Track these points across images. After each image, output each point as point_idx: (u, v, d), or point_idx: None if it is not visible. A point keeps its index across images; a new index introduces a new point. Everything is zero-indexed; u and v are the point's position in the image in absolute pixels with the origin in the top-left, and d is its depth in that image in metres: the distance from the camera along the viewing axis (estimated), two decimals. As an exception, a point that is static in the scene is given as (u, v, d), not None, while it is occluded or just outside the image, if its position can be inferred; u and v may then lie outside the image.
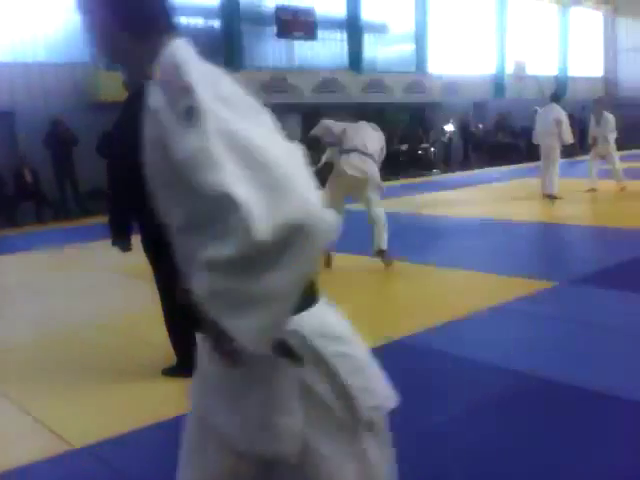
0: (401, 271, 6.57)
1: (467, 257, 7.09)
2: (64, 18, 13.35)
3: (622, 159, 15.52)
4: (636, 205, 10.26)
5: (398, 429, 3.16)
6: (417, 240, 8.39)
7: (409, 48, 20.62)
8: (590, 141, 11.97)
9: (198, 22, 15.86)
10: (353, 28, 18.58)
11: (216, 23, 16.02)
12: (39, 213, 11.81)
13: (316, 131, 6.76)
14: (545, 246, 8.12)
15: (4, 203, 11.58)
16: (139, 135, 3.69)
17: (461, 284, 6.00)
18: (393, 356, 4.23)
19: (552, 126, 10.88)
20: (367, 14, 18.95)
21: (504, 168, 18.11)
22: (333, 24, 18.43)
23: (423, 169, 18.65)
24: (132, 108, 3.68)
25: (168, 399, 3.63)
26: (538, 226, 9.16)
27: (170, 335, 3.84)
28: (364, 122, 7.17)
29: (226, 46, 16.00)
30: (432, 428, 3.22)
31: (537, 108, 17.51)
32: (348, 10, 18.51)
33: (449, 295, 5.64)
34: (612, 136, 11.64)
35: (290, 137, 1.43)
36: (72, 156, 12.19)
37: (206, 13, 15.90)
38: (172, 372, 3.84)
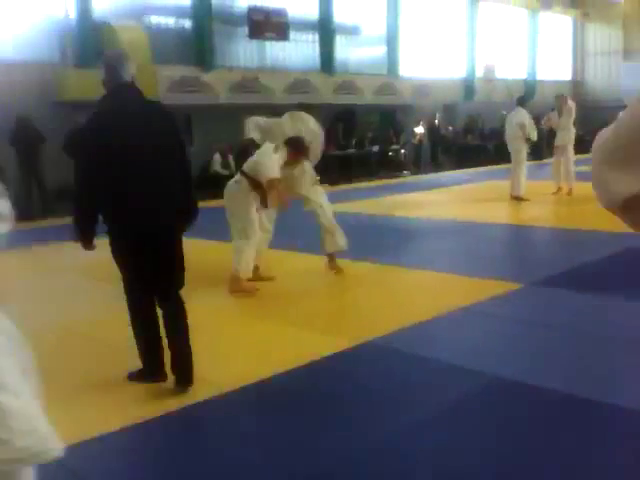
0: (371, 272, 6.59)
1: (437, 259, 7.14)
2: (32, 16, 13.16)
3: (587, 161, 15.71)
4: (597, 206, 10.41)
5: (366, 429, 3.19)
6: (388, 241, 8.43)
7: (381, 50, 20.70)
8: (547, 126, 12.50)
9: (169, 21, 15.74)
10: (325, 30, 18.59)
11: (187, 22, 15.90)
12: (4, 213, 11.57)
13: (250, 132, 6.56)
14: (513, 248, 8.22)
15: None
16: (113, 133, 3.62)
17: (431, 285, 6.04)
18: (364, 357, 4.26)
19: (516, 129, 11.25)
20: (339, 16, 18.98)
21: (473, 170, 18.29)
22: (305, 25, 18.43)
23: (394, 170, 18.75)
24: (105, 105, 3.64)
25: (134, 404, 3.59)
26: (506, 228, 9.26)
27: (136, 340, 3.77)
28: (299, 113, 6.82)
29: (197, 46, 15.90)
30: (400, 429, 3.23)
31: (504, 112, 17.71)
32: (320, 12, 18.52)
33: (419, 296, 5.68)
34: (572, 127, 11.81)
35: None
36: (39, 155, 11.99)
37: (177, 12, 15.77)
38: (137, 377, 3.78)
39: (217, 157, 14.70)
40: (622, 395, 3.49)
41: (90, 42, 13.44)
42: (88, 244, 3.61)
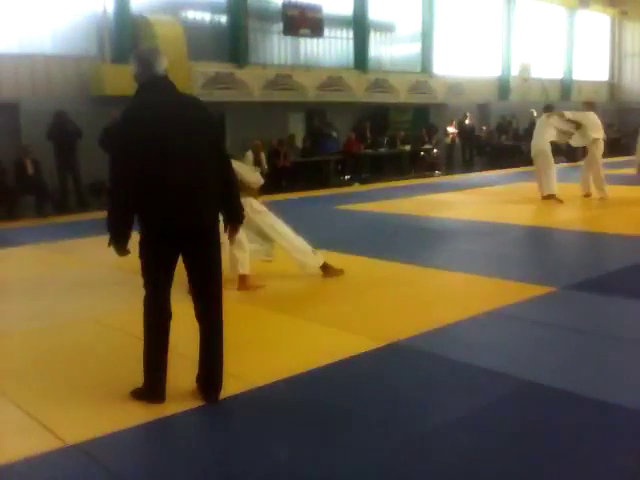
0: (399, 272, 6.57)
1: (468, 260, 7.09)
2: (70, 10, 13.36)
3: (622, 165, 15.52)
4: (636, 211, 10.25)
5: (394, 430, 3.19)
6: (417, 241, 8.39)
7: (415, 48, 20.59)
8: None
9: (205, 17, 15.85)
10: (359, 26, 18.55)
11: (223, 18, 16.00)
12: (40, 206, 11.78)
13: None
14: (545, 251, 8.11)
15: (4, 194, 11.54)
16: (148, 126, 3.50)
17: (459, 287, 6.00)
18: (393, 358, 4.25)
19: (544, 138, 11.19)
20: (374, 13, 18.93)
21: (506, 171, 18.10)
22: (340, 22, 18.41)
23: (425, 170, 18.64)
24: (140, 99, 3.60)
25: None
26: (538, 230, 9.15)
27: (144, 355, 3.59)
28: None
29: (232, 42, 15.99)
30: (429, 432, 3.22)
31: (532, 110, 17.49)
32: (355, 8, 18.48)
33: (447, 298, 5.64)
34: (594, 135, 11.35)
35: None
36: (75, 149, 12.17)
37: (213, 8, 15.88)
38: (138, 395, 3.61)
39: (249, 155, 14.76)
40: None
41: (127, 37, 13.61)
42: (122, 249, 3.47)
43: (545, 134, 11.21)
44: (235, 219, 3.72)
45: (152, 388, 3.58)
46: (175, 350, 3.70)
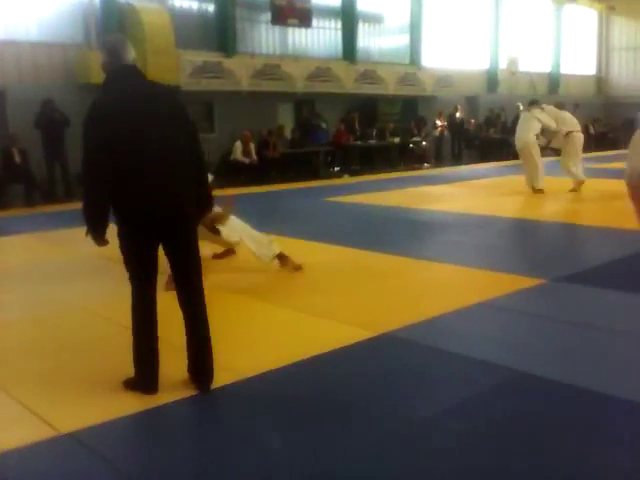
0: (390, 264, 6.58)
1: (458, 252, 7.11)
2: (57, -2, 13.21)
3: (610, 159, 15.62)
4: (622, 204, 10.31)
5: (386, 421, 3.19)
6: (407, 233, 8.41)
7: (404, 40, 20.56)
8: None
9: (192, 5, 15.71)
10: (348, 17, 18.49)
11: (211, 7, 15.87)
12: (28, 196, 11.66)
13: None
14: (534, 243, 8.15)
15: (-8, 184, 11.43)
16: (117, 117, 3.45)
17: (451, 279, 6.01)
18: (384, 349, 4.26)
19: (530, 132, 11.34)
20: (363, 4, 18.87)
21: (494, 164, 18.16)
22: (328, 12, 18.34)
23: (414, 162, 18.67)
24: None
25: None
26: (527, 223, 9.19)
27: (133, 346, 3.56)
28: None
29: (220, 30, 15.87)
30: (422, 420, 3.23)
31: (519, 105, 17.67)
32: (344, -1, 18.42)
33: (438, 289, 5.66)
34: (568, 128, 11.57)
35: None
36: (63, 138, 12.04)
37: (201, -4, 15.76)
38: (131, 386, 3.58)
39: (238, 145, 14.71)
40: (645, 395, 3.46)
41: (114, 24, 13.47)
42: (99, 239, 3.44)
43: (530, 128, 11.34)
44: (205, 205, 3.73)
45: (144, 379, 3.56)
46: (167, 340, 3.68)
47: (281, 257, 6.22)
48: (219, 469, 2.84)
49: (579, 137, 11.59)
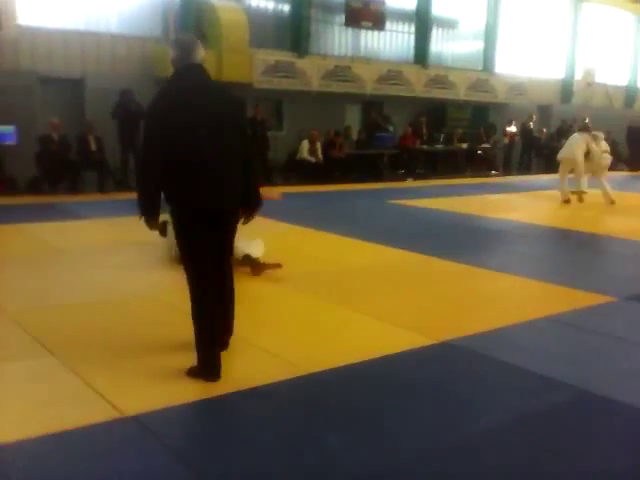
0: (454, 271, 6.50)
1: (523, 264, 6.97)
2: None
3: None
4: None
5: (443, 430, 3.16)
6: (473, 241, 8.29)
7: (477, 45, 20.28)
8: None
9: (269, 5, 15.89)
10: (422, 21, 18.36)
11: (286, 7, 16.02)
12: (101, 182, 12.02)
13: None
14: (606, 259, 7.91)
15: (68, 169, 11.81)
16: (175, 112, 3.62)
17: (516, 291, 5.90)
18: (442, 356, 4.21)
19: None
20: (437, 8, 18.70)
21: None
22: (402, 16, 18.25)
23: (481, 169, 18.39)
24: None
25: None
26: (599, 238, 8.93)
27: (196, 334, 3.69)
28: None
29: (294, 31, 16.01)
30: (477, 433, 3.18)
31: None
32: (418, 3, 18.29)
33: (502, 301, 5.56)
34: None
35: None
36: (138, 129, 12.32)
37: (277, -4, 15.93)
38: (194, 374, 3.66)
39: (305, 144, 14.79)
40: None
41: (191, 20, 13.75)
42: (153, 223, 3.64)
43: (578, 147, 11.70)
44: (252, 204, 3.83)
45: (208, 367, 3.64)
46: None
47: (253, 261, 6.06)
48: (275, 463, 2.86)
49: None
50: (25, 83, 12.14)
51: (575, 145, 11.81)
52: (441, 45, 19.38)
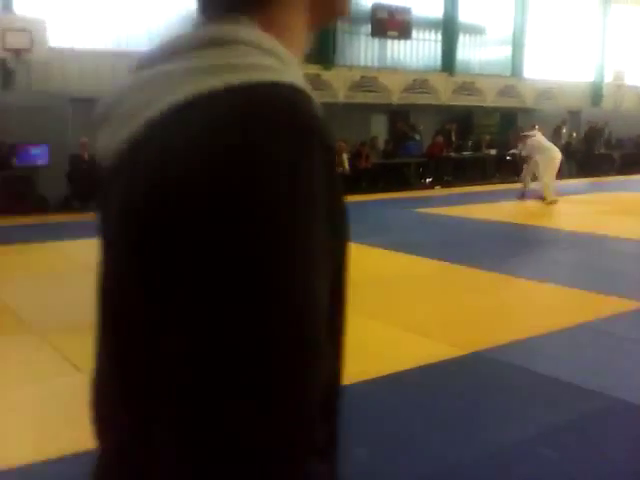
0: (485, 280, 6.45)
1: (556, 271, 6.89)
2: (165, 9, 13.78)
3: None
4: None
5: (475, 441, 3.13)
6: (504, 249, 8.22)
7: (505, 51, 20.15)
8: None
9: (294, 18, 16.01)
10: (449, 29, 18.32)
11: (311, 20, 16.12)
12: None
13: None
14: (638, 265, 7.77)
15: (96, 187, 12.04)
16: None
17: (548, 298, 5.84)
18: (474, 367, 4.18)
19: None
20: (464, 15, 18.63)
21: (596, 180, 17.47)
22: (428, 24, 18.22)
23: (510, 175, 18.20)
24: None
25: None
26: (629, 243, 8.78)
27: None
28: None
29: (320, 43, 16.08)
30: (509, 444, 3.15)
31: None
32: (445, 10, 18.25)
33: (535, 309, 5.50)
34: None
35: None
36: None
37: (302, 9, 16.03)
38: None
39: (332, 154, 14.81)
40: None
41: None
42: None
43: None
44: None
45: None
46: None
47: None
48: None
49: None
50: (56, 104, 12.41)
51: None
52: (468, 52, 19.30)
